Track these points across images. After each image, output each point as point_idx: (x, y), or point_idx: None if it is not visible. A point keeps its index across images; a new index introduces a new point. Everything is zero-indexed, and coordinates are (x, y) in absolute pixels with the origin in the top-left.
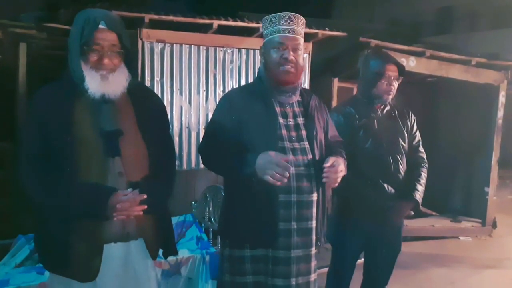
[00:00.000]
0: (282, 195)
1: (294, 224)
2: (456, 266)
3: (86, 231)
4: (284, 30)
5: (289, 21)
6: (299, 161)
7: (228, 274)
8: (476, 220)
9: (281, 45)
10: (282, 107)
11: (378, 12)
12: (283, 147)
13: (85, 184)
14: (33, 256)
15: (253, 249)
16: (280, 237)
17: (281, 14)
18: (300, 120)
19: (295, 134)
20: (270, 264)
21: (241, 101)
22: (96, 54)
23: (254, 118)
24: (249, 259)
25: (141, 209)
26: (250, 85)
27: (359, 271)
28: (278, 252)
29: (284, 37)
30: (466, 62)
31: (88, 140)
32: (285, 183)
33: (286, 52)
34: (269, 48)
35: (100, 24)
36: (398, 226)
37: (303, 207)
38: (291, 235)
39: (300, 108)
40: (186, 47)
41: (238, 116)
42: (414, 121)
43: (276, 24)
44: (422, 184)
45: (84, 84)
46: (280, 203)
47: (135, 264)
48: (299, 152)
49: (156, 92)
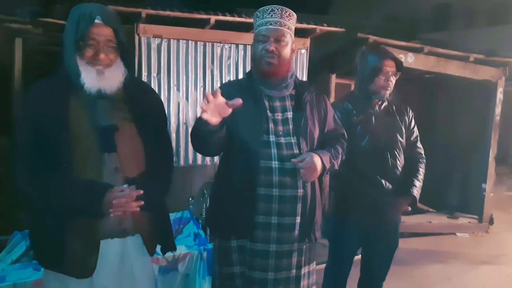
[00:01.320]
0: (263, 189)
1: (275, 219)
2: (453, 262)
3: (83, 227)
4: (267, 23)
5: (271, 14)
6: (283, 156)
7: (217, 265)
8: (473, 216)
9: (264, 37)
10: (271, 101)
11: (376, 9)
12: (268, 140)
13: (80, 180)
14: (29, 253)
15: (238, 239)
16: (258, 230)
17: (264, 8)
18: (289, 114)
19: (282, 128)
20: (248, 256)
21: (230, 95)
22: (92, 49)
23: (242, 112)
24: (236, 249)
25: (137, 205)
26: (240, 80)
27: (357, 267)
28: (256, 245)
29: (266, 29)
30: (464, 58)
31: (83, 136)
32: (266, 176)
33: (268, 43)
34: (254, 42)
35: (96, 19)
36: (395, 222)
37: (286, 201)
38: (271, 229)
39: (292, 102)
40: (183, 42)
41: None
42: (412, 117)
43: (260, 18)
44: (420, 180)
45: (80, 79)
46: (260, 196)
47: (132, 260)
48: (284, 147)
49: (153, 87)
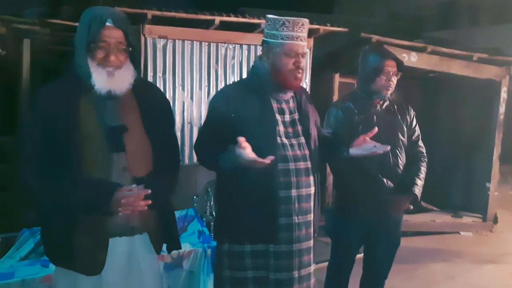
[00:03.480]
0: (283, 191)
1: (296, 219)
2: (456, 261)
3: (92, 225)
4: (297, 38)
5: (302, 28)
6: (297, 157)
7: (228, 269)
8: (477, 215)
9: (295, 53)
10: (279, 103)
11: (380, 7)
12: (282, 143)
13: (90, 179)
14: (37, 249)
15: (253, 244)
16: (282, 232)
17: (295, 20)
18: (295, 115)
19: (291, 130)
20: (272, 259)
21: (237, 98)
22: (102, 51)
23: (252, 115)
24: (249, 254)
25: (145, 204)
26: (245, 81)
27: (359, 265)
28: (280, 247)
29: (298, 45)
30: (467, 57)
31: (93, 136)
32: (285, 178)
33: (299, 60)
34: (279, 52)
35: (107, 21)
36: (397, 220)
37: (302, 201)
38: (293, 229)
39: (294, 104)
40: (188, 43)
41: (235, 113)
42: (413, 116)
43: (290, 29)
44: (422, 178)
45: (90, 81)
46: (280, 198)
47: (139, 258)
48: (296, 148)
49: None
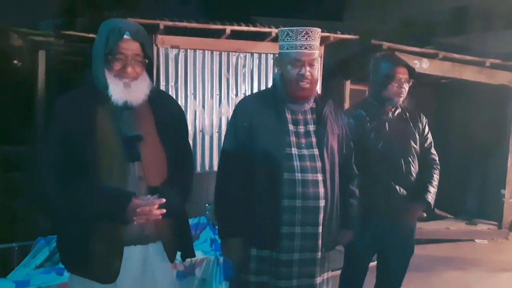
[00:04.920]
0: (287, 200)
1: (298, 229)
2: (471, 269)
3: (107, 233)
4: (301, 46)
5: (306, 37)
6: (306, 167)
7: (236, 270)
8: (492, 222)
9: (298, 62)
10: (294, 114)
11: (390, 13)
12: (290, 153)
13: (106, 188)
14: (52, 258)
15: (259, 249)
16: (283, 240)
17: (298, 29)
18: (311, 127)
19: (304, 141)
20: (273, 266)
21: (254, 108)
22: (120, 63)
23: (264, 124)
24: (255, 258)
25: (160, 213)
26: (265, 91)
27: (373, 273)
28: (281, 255)
29: (301, 54)
30: (480, 63)
31: (109, 145)
32: (290, 188)
33: (303, 69)
34: (285, 62)
35: (125, 34)
36: (410, 228)
37: (308, 212)
38: (295, 238)
39: (313, 115)
40: (199, 52)
41: (249, 123)
42: (426, 123)
43: (293, 39)
44: (434, 186)
45: (107, 91)
46: (284, 208)
47: (153, 266)
48: (307, 159)
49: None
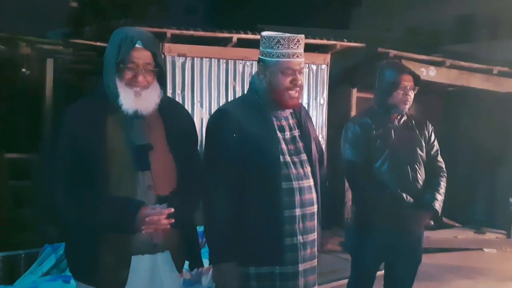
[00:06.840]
0: (287, 211)
1: (300, 238)
2: (480, 278)
3: (115, 242)
4: (293, 55)
5: (297, 45)
6: (300, 175)
7: None
8: (500, 231)
9: (290, 70)
10: (278, 120)
11: (397, 21)
12: (285, 161)
13: (115, 197)
14: (59, 265)
15: (258, 267)
16: (287, 253)
17: (290, 37)
18: (295, 132)
19: (293, 147)
20: (277, 281)
21: (240, 118)
22: (131, 72)
23: (255, 134)
24: (254, 276)
25: (168, 223)
26: (244, 99)
27: (380, 282)
28: (286, 268)
29: (294, 62)
30: (487, 71)
31: (119, 154)
32: (289, 198)
33: (296, 78)
34: (275, 70)
35: (136, 43)
36: (418, 236)
37: (307, 219)
38: (298, 249)
39: (294, 120)
40: (206, 60)
41: (239, 133)
42: (432, 131)
43: (285, 47)
44: (442, 193)
45: (118, 100)
46: (285, 218)
47: (161, 276)
48: (299, 165)
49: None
